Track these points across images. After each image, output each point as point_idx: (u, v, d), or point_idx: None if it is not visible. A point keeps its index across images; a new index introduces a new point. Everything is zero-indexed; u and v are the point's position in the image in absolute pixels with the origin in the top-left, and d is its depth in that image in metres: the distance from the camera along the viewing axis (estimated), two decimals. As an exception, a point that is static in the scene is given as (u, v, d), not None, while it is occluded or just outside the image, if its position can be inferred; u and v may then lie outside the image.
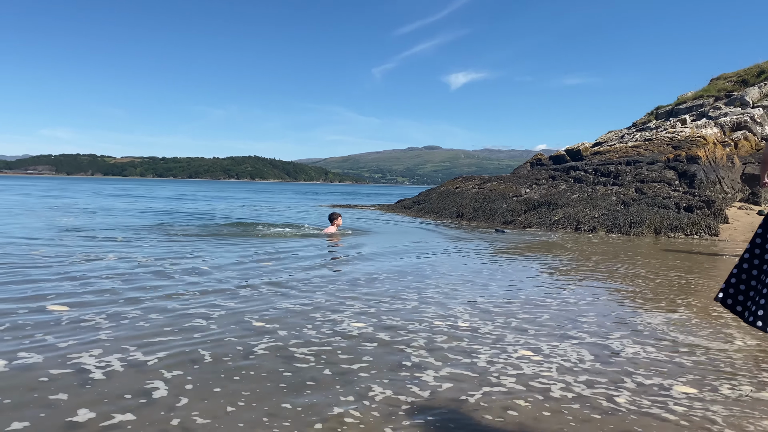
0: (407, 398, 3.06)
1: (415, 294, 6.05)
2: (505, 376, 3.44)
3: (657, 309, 5.59)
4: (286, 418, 2.80)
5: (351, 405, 2.96)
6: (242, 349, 3.92)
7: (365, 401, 3.01)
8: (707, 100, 21.57)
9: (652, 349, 4.10)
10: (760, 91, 20.30)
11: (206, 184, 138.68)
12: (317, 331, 4.39)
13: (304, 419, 2.79)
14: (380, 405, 2.96)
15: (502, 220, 17.59)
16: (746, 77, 21.66)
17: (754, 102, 19.92)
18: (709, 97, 21.75)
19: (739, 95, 20.38)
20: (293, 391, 3.16)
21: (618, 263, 9.02)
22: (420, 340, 4.20)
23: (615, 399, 3.14)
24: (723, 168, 17.46)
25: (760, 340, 4.47)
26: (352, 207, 27.81)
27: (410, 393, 3.14)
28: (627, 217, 15.10)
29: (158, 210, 22.33)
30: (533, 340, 4.29)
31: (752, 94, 20.21)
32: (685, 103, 22.28)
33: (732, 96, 20.68)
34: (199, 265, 7.59)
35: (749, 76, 21.57)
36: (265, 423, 2.74)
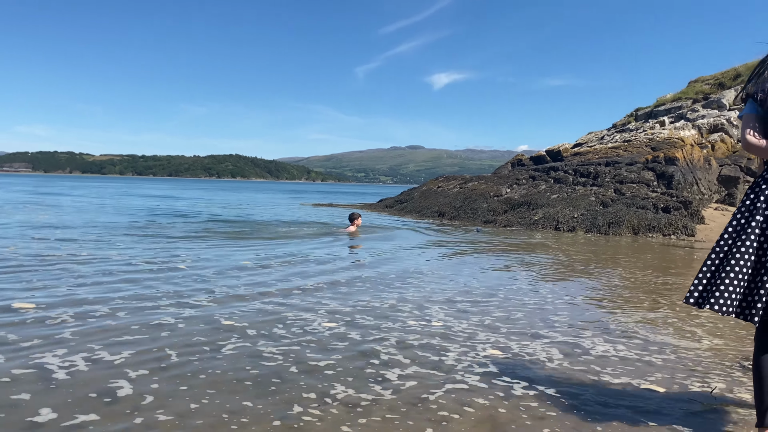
0: (368, 396, 3.04)
1: (395, 293, 6.03)
2: (470, 374, 3.44)
3: (631, 308, 5.63)
4: (246, 415, 2.78)
5: (312, 403, 2.93)
6: (209, 349, 3.88)
7: (327, 399, 2.99)
8: (685, 102, 21.84)
9: (623, 348, 4.12)
10: (737, 94, 20.61)
11: (187, 182, 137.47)
12: (287, 331, 4.35)
13: (263, 417, 2.76)
14: (341, 403, 2.94)
15: (483, 219, 17.66)
16: (723, 80, 21.97)
17: (730, 105, 20.21)
18: (687, 99, 22.03)
19: (716, 98, 20.66)
20: (257, 390, 3.13)
21: (596, 263, 9.09)
22: (391, 339, 4.18)
23: (579, 397, 3.14)
24: (700, 169, 17.69)
25: (727, 339, 4.52)
26: (333, 206, 27.73)
27: (372, 391, 3.12)
28: (606, 217, 15.23)
29: (142, 207, 22.09)
30: (504, 339, 4.29)
31: (729, 96, 20.50)
32: (663, 105, 22.54)
33: (709, 98, 20.97)
34: (177, 264, 7.51)
35: (726, 79, 21.88)
36: (225, 420, 2.71)
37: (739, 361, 3.89)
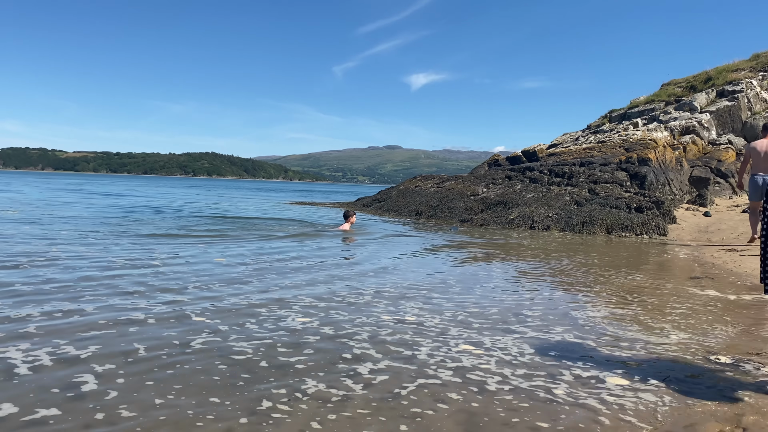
0: (339, 391, 3.01)
1: (371, 289, 6.01)
2: (443, 368, 3.43)
3: (603, 305, 5.69)
4: (213, 411, 2.74)
5: (281, 398, 2.90)
6: (179, 343, 3.82)
7: (297, 394, 2.96)
8: (658, 104, 22.21)
9: (593, 344, 4.16)
10: (708, 97, 21.01)
11: (162, 180, 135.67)
12: (260, 326, 4.31)
13: (230, 413, 2.72)
14: (311, 398, 2.91)
15: (459, 218, 17.73)
16: (695, 83, 22.39)
17: (701, 107, 20.61)
18: (660, 101, 22.40)
19: (688, 101, 21.04)
20: (225, 385, 3.09)
21: (570, 261, 9.19)
22: (363, 334, 4.17)
23: (552, 391, 3.16)
24: (672, 170, 18.00)
25: (692, 334, 4.59)
26: (310, 204, 27.61)
27: (343, 386, 3.09)
28: (580, 216, 15.40)
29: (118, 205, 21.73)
30: (476, 334, 4.30)
31: (700, 99, 20.89)
32: (637, 107, 22.89)
33: (681, 101, 21.34)
34: (151, 260, 7.41)
35: (698, 83, 22.30)
36: (189, 416, 2.67)
37: (704, 354, 3.95)
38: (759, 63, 22.18)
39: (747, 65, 22.29)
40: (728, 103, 20.15)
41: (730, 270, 8.58)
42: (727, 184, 18.12)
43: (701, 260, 9.85)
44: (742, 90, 20.32)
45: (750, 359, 3.91)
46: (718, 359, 3.88)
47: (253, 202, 28.99)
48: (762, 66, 21.91)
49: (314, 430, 2.57)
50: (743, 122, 20.01)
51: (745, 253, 10.33)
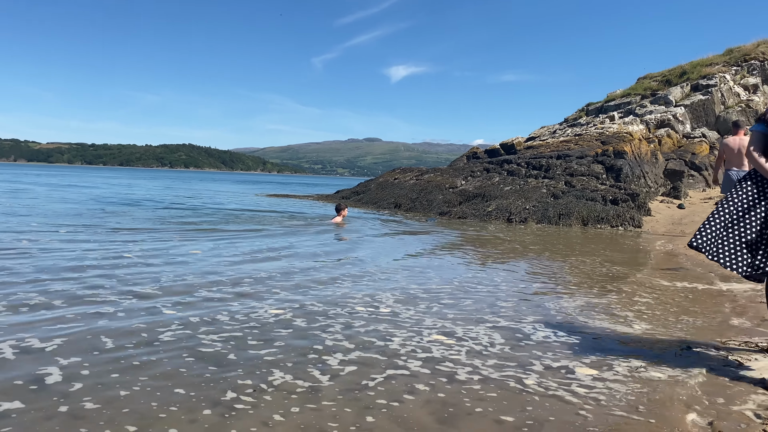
0: (306, 383, 2.99)
1: (348, 281, 5.98)
2: (413, 359, 3.43)
3: (575, 295, 5.74)
4: (177, 403, 2.70)
5: (247, 390, 2.87)
6: (147, 336, 3.77)
7: (263, 386, 2.93)
8: (634, 98, 22.43)
9: (563, 333, 4.19)
10: (682, 91, 21.28)
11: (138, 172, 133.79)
12: (231, 318, 4.27)
13: (194, 405, 2.69)
14: (276, 390, 2.89)
15: (438, 211, 17.76)
16: (670, 77, 22.65)
17: (676, 101, 20.86)
18: (636, 95, 22.62)
19: (663, 94, 21.29)
20: (191, 377, 3.05)
21: (546, 253, 9.26)
22: (337, 326, 4.15)
23: (522, 381, 3.18)
24: (647, 163, 18.22)
25: (655, 324, 4.65)
26: (288, 197, 27.45)
27: (310, 378, 3.07)
28: (556, 208, 15.53)
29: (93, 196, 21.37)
30: (450, 324, 4.31)
31: (675, 93, 21.15)
32: (613, 101, 23.10)
33: (657, 95, 21.58)
34: (123, 253, 7.29)
35: (673, 77, 22.56)
36: (153, 408, 2.63)
37: (673, 343, 4.01)
38: (732, 58, 22.51)
39: (721, 60, 22.62)
40: (702, 97, 20.44)
41: (702, 261, 8.73)
42: (701, 176, 18.40)
43: (674, 252, 10.00)
44: (715, 84, 20.62)
45: (717, 347, 3.97)
46: (690, 347, 3.94)
47: (231, 195, 28.74)
48: (735, 61, 22.25)
49: (276, 422, 2.55)
50: (717, 116, 20.32)
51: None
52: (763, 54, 22.08)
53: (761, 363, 3.65)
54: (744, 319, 4.89)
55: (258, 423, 2.52)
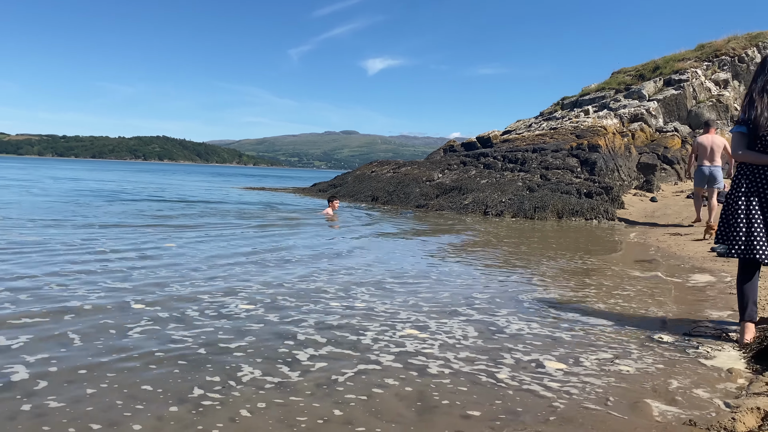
0: (275, 378, 2.95)
1: (324, 275, 5.92)
2: (385, 353, 3.41)
3: (549, 287, 5.78)
4: (143, 400, 2.65)
5: (215, 386, 2.83)
6: (116, 332, 3.69)
7: (231, 382, 2.89)
8: (609, 92, 22.67)
9: (536, 326, 4.21)
10: (655, 86, 21.57)
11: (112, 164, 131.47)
12: (201, 313, 4.20)
13: (160, 401, 2.64)
14: (245, 386, 2.85)
15: (415, 204, 17.77)
16: (643, 72, 22.93)
17: (649, 95, 21.14)
18: (610, 89, 22.86)
19: (636, 89, 21.55)
20: (159, 373, 3.00)
21: (522, 245, 9.32)
22: (309, 320, 4.10)
23: (495, 375, 3.18)
24: (621, 157, 18.45)
25: (634, 314, 4.70)
26: (264, 190, 27.23)
27: (279, 373, 3.03)
28: (532, 202, 15.64)
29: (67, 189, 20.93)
30: (424, 318, 4.30)
31: (648, 88, 21.44)
32: (588, 95, 23.31)
33: (631, 89, 21.84)
34: (96, 246, 7.15)
35: (646, 71, 22.85)
36: (118, 406, 2.57)
37: (646, 334, 4.05)
38: (704, 53, 22.87)
39: (692, 55, 22.96)
40: (674, 92, 20.74)
41: (674, 253, 8.87)
42: (673, 170, 18.70)
43: (647, 244, 10.15)
44: (687, 79, 20.94)
45: (687, 337, 4.03)
46: (661, 338, 4.00)
47: (206, 187, 28.40)
48: (706, 56, 22.60)
49: (244, 417, 2.51)
50: (688, 110, 20.65)
51: (688, 237, 10.70)
52: (733, 50, 22.48)
53: (730, 352, 3.71)
54: (713, 309, 4.98)
55: (225, 419, 2.48)
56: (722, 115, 20.53)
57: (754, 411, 2.61)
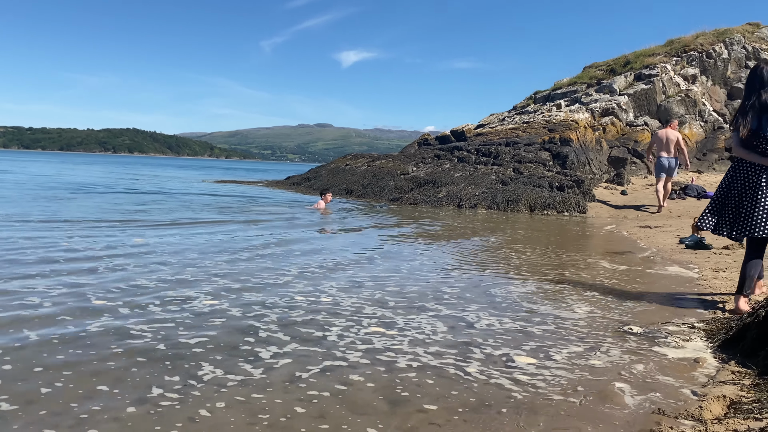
0: (237, 376, 2.86)
1: (294, 270, 5.80)
2: (351, 350, 3.34)
3: (520, 281, 5.77)
4: (99, 401, 2.53)
5: (174, 385, 2.72)
6: (74, 328, 3.56)
7: (191, 380, 2.79)
8: (580, 86, 22.86)
9: (507, 320, 4.19)
10: (626, 80, 21.81)
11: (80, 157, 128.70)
12: (164, 308, 4.08)
13: (117, 402, 2.53)
14: (205, 385, 2.75)
15: (390, 197, 17.73)
16: (615, 66, 23.17)
17: (620, 90, 21.37)
18: (582, 83, 23.05)
19: (607, 83, 21.77)
20: (117, 371, 2.89)
21: (494, 238, 9.33)
22: (273, 316, 4.01)
23: (464, 369, 3.14)
24: (592, 150, 18.64)
25: (605, 306, 4.71)
26: (236, 183, 26.91)
27: (241, 371, 2.94)
28: (505, 195, 15.72)
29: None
30: (391, 313, 4.23)
31: (619, 82, 21.67)
32: (560, 89, 23.48)
33: (602, 84, 22.05)
34: (59, 241, 6.94)
35: (617, 66, 23.09)
36: (73, 408, 2.46)
37: (616, 326, 4.05)
38: (673, 48, 23.20)
39: (662, 50, 23.27)
40: (645, 87, 21.00)
41: (644, 245, 8.97)
42: (643, 164, 18.95)
43: (618, 236, 10.26)
44: (657, 74, 21.22)
45: (656, 328, 4.06)
46: (631, 329, 4.02)
47: (177, 180, 27.93)
48: (675, 51, 22.93)
49: (203, 417, 2.42)
50: (658, 105, 20.94)
51: (658, 230, 10.85)
52: (701, 45, 22.84)
53: (698, 343, 3.75)
54: (684, 301, 5.03)
55: (184, 419, 2.39)
56: (690, 110, 20.88)
57: (721, 399, 2.67)
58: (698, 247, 8.23)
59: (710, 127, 21.06)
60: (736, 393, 2.73)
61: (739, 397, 2.68)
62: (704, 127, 20.88)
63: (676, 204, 15.08)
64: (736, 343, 3.46)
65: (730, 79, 22.83)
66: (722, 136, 20.59)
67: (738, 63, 23.27)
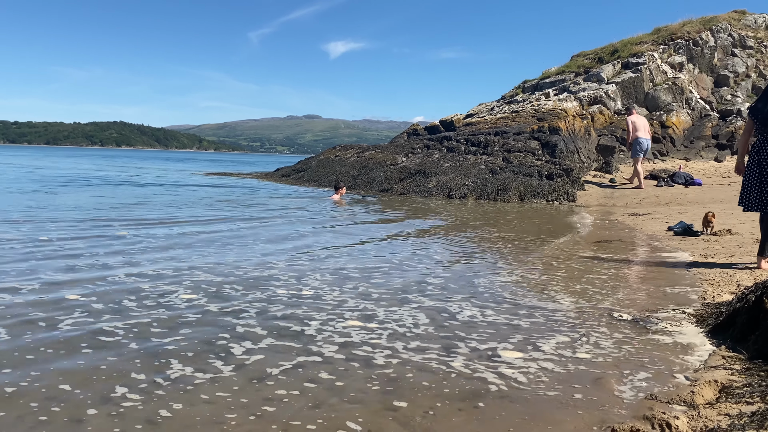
0: (205, 375, 2.75)
1: (283, 264, 5.67)
2: (329, 344, 3.23)
3: (506, 271, 5.69)
4: (61, 402, 2.42)
5: (139, 384, 2.62)
6: (45, 325, 3.45)
7: (158, 379, 2.68)
8: (568, 75, 22.79)
9: (491, 312, 4.09)
10: (614, 69, 21.76)
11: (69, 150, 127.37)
12: (139, 304, 3.96)
13: (79, 403, 2.42)
14: (172, 383, 2.64)
15: (379, 188, 17.62)
16: (602, 55, 23.10)
17: (608, 78, 21.32)
18: (570, 72, 22.98)
19: (595, 72, 21.71)
20: (84, 370, 2.78)
21: (482, 228, 9.25)
22: (252, 311, 3.89)
23: (450, 363, 3.05)
24: (581, 139, 18.60)
25: (584, 298, 4.64)
26: (226, 175, 26.68)
27: (211, 368, 2.83)
28: (495, 184, 15.66)
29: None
30: (373, 306, 4.13)
31: (607, 71, 21.61)
32: (549, 78, 23.39)
33: (590, 72, 21.99)
34: (38, 235, 6.79)
35: (605, 55, 23.02)
36: (33, 410, 2.34)
37: (604, 314, 3.98)
38: (660, 36, 23.16)
39: (649, 38, 23.23)
40: (632, 75, 20.97)
41: (633, 233, 8.93)
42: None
43: (607, 224, 10.22)
44: (644, 62, 21.18)
45: (648, 315, 4.01)
46: (621, 316, 3.98)
47: (167, 173, 27.65)
48: (662, 40, 22.89)
49: (164, 418, 2.31)
50: (646, 93, 20.92)
51: (647, 218, 10.82)
52: (688, 33, 22.82)
53: (689, 328, 3.73)
54: (675, 287, 4.98)
55: (143, 421, 2.28)
56: (678, 98, 20.87)
57: (712, 384, 2.68)
58: (687, 233, 8.20)
59: (697, 114, 21.07)
60: (727, 378, 2.74)
61: (731, 381, 2.69)
62: (691, 115, 20.88)
63: (664, 191, 15.08)
64: (726, 328, 3.47)
65: (717, 66, 22.84)
66: (709, 123, 20.61)
67: (724, 51, 23.28)
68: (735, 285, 4.76)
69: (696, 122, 20.84)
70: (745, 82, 22.48)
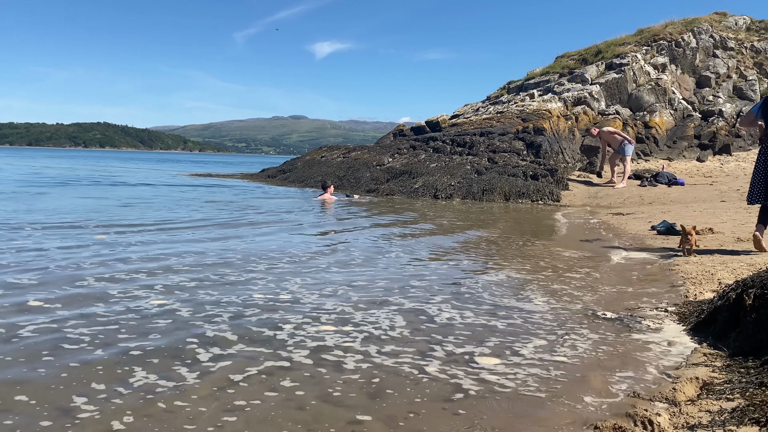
0: (169, 383, 2.64)
1: (262, 266, 5.53)
2: (300, 349, 3.13)
3: (490, 272, 5.62)
4: (16, 414, 2.31)
5: (98, 395, 2.50)
6: (5, 332, 3.31)
7: (118, 388, 2.57)
8: (553, 76, 22.85)
9: (470, 314, 4.02)
10: (598, 70, 21.85)
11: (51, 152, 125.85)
12: (108, 309, 3.83)
13: (35, 414, 2.31)
14: (132, 392, 2.53)
15: (366, 188, 17.54)
16: (586, 56, 23.19)
17: (592, 79, 21.41)
18: (554, 73, 23.04)
19: (579, 72, 21.79)
20: (42, 379, 2.67)
21: (469, 229, 9.19)
22: (224, 315, 3.78)
23: (424, 367, 2.97)
24: (565, 139, 18.64)
25: (565, 297, 4.59)
26: (211, 176, 26.44)
27: (175, 376, 2.72)
28: (480, 184, 15.64)
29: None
30: (350, 309, 4.04)
31: (591, 72, 21.69)
32: (533, 79, 23.44)
33: (574, 73, 22.07)
34: (12, 241, 6.62)
35: (589, 55, 23.12)
36: (-17, 425, 2.23)
37: (587, 313, 3.92)
38: (643, 38, 23.30)
39: (633, 39, 23.36)
40: (616, 76, 21.06)
41: (617, 233, 8.91)
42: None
43: (591, 224, 10.21)
44: (628, 63, 21.29)
45: (631, 313, 3.99)
46: (604, 315, 3.96)
47: (149, 174, 27.35)
48: (645, 41, 23.03)
49: (117, 430, 2.20)
50: (629, 94, 21.03)
51: (630, 217, 10.84)
52: (670, 35, 22.98)
53: (670, 326, 3.72)
54: (655, 285, 4.95)
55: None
56: (660, 98, 21.00)
57: (693, 381, 2.70)
58: (670, 233, 8.20)
59: (680, 115, 21.22)
60: (709, 375, 2.75)
61: (712, 378, 2.70)
62: (674, 115, 21.02)
63: (647, 191, 15.14)
64: (707, 325, 3.49)
65: (699, 67, 23.02)
66: (691, 123, 20.76)
67: (706, 52, 23.47)
68: (716, 283, 4.73)
69: (678, 123, 20.98)
70: (727, 83, 22.67)
